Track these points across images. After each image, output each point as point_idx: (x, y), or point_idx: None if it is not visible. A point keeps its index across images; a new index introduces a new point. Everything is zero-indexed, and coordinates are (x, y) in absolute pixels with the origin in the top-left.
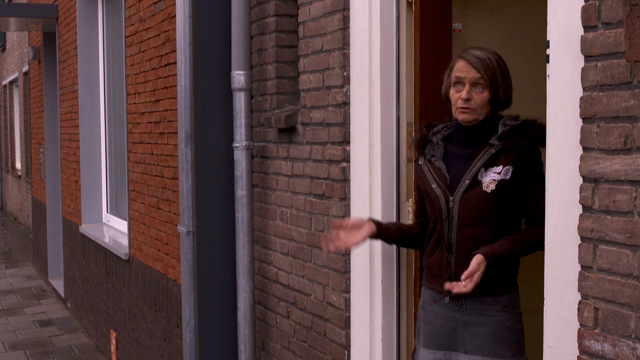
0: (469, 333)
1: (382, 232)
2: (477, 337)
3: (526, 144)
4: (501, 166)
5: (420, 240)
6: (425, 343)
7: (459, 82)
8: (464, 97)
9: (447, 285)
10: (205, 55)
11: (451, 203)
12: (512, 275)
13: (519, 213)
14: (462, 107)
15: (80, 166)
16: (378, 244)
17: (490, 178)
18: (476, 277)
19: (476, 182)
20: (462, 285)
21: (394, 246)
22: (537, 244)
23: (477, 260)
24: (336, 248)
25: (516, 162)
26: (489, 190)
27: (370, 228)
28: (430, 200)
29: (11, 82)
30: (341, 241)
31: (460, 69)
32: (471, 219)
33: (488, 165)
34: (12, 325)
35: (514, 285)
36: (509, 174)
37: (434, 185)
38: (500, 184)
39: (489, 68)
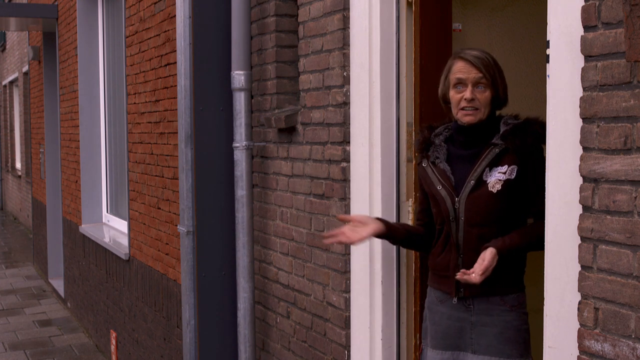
0: (476, 333)
1: (389, 231)
2: (485, 337)
3: (530, 142)
4: (506, 166)
5: (423, 242)
6: (433, 344)
7: (460, 83)
8: (468, 97)
9: (459, 275)
10: (205, 55)
11: (457, 204)
12: (519, 275)
13: (524, 212)
14: (466, 108)
15: (80, 166)
16: (378, 243)
17: (496, 178)
18: (489, 271)
19: (481, 183)
20: (474, 276)
21: (394, 246)
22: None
23: (491, 254)
24: (339, 243)
25: (521, 161)
26: (494, 191)
27: (377, 226)
28: (436, 202)
29: (11, 82)
30: (345, 236)
31: (461, 69)
32: (477, 219)
33: (492, 165)
34: (12, 325)
35: (521, 285)
36: (514, 174)
37: (439, 187)
38: (506, 183)
39: (489, 67)
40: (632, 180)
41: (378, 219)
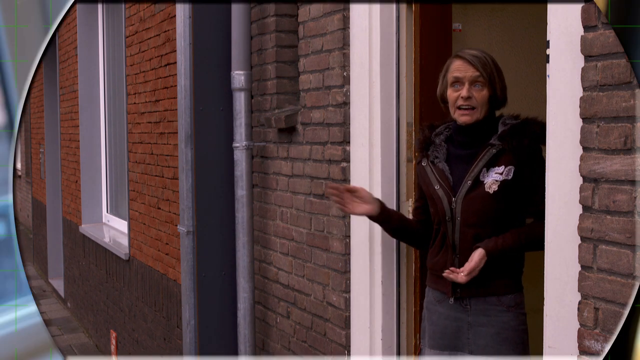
0: (473, 333)
1: (384, 215)
2: (482, 338)
3: (527, 144)
4: (503, 166)
5: (415, 237)
6: (431, 344)
7: (457, 81)
8: (465, 94)
9: (446, 273)
10: (205, 55)
11: (454, 204)
12: (517, 275)
13: (521, 213)
14: (462, 106)
15: (80, 166)
16: (378, 244)
17: (493, 179)
18: (476, 272)
19: (478, 183)
20: (460, 276)
21: (394, 245)
22: (543, 239)
23: (479, 255)
24: (336, 204)
25: (518, 162)
26: (491, 191)
27: (374, 208)
28: (434, 202)
29: None
30: (345, 203)
31: (458, 68)
32: (474, 220)
33: (489, 165)
34: None
35: (519, 285)
36: (511, 174)
37: (436, 187)
38: (503, 184)
39: (487, 66)
40: (632, 180)
41: (378, 200)
